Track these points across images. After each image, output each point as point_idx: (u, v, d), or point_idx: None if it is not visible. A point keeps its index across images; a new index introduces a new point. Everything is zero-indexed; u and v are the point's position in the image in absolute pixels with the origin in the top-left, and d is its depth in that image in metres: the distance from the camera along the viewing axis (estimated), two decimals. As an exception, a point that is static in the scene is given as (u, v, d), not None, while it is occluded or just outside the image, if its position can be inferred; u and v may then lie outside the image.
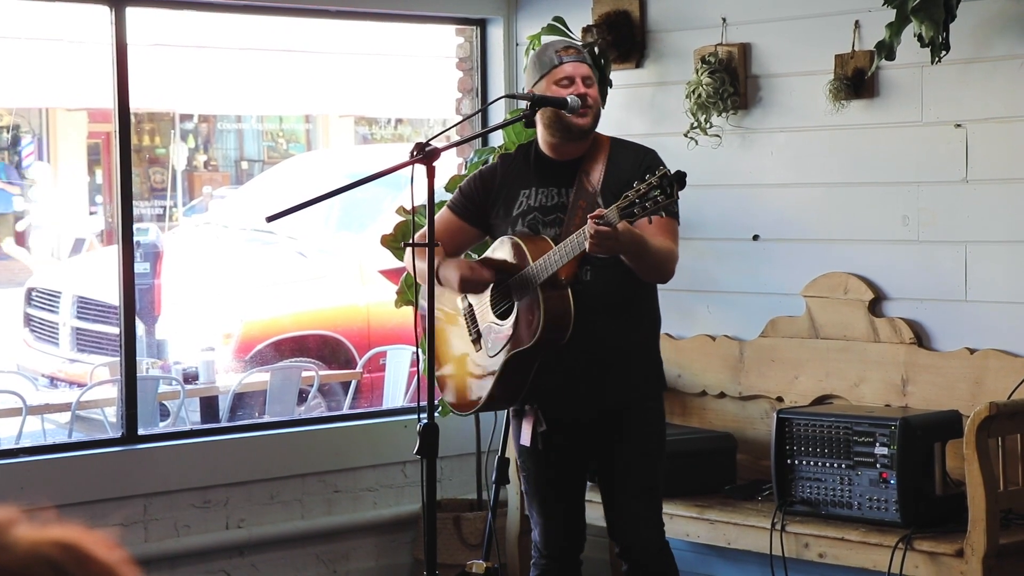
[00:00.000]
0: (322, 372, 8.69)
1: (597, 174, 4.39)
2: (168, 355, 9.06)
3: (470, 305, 4.56)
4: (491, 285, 4.46)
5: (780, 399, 5.66)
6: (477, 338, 4.53)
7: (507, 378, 4.45)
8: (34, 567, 1.21)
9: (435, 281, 4.41)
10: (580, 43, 4.44)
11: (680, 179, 3.97)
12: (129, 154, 5.83)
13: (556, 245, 4.29)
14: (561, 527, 4.60)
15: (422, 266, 4.37)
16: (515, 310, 4.40)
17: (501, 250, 4.47)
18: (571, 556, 4.66)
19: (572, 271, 4.31)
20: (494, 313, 4.47)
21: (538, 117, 4.44)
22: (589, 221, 4.09)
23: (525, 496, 4.70)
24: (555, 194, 4.44)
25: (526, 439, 4.49)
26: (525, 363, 4.41)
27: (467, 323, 4.58)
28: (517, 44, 6.54)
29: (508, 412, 4.81)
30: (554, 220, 4.41)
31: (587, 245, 4.10)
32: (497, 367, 4.44)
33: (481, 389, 4.53)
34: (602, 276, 4.35)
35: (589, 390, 4.43)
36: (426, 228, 4.36)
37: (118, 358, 5.93)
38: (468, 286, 4.48)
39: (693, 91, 5.75)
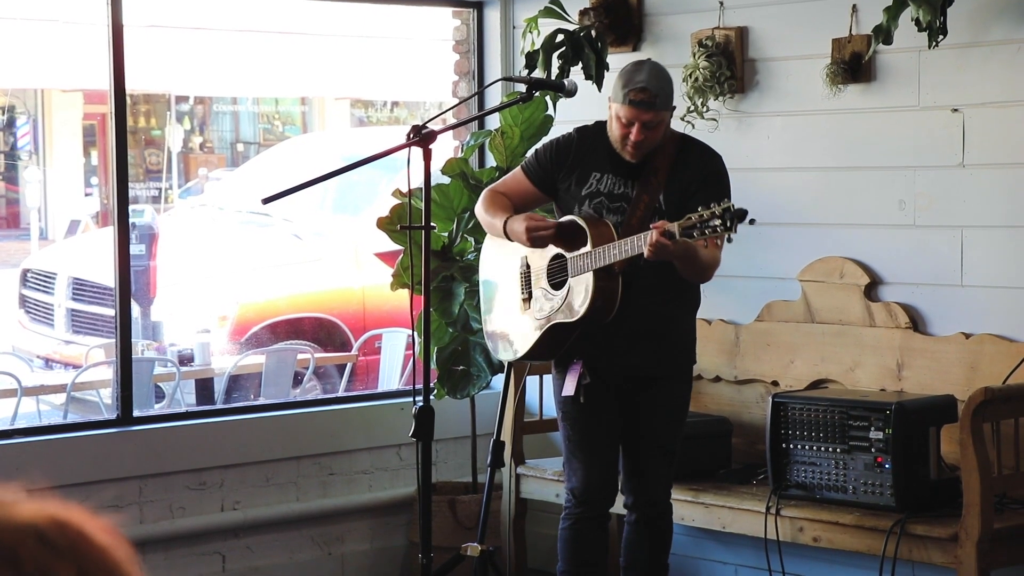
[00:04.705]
0: (317, 355, 8.69)
1: (663, 172, 4.70)
2: (163, 337, 9.06)
3: (528, 266, 4.88)
4: (551, 255, 4.77)
5: (775, 383, 5.66)
6: (528, 298, 4.87)
7: (546, 342, 4.80)
8: (27, 541, 1.21)
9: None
10: (653, 86, 4.63)
11: (742, 216, 4.26)
12: (125, 135, 5.82)
13: (617, 235, 4.61)
14: (597, 475, 4.85)
15: (487, 219, 4.81)
16: (567, 285, 4.72)
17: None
18: (604, 506, 4.90)
19: (626, 264, 4.59)
20: (548, 282, 4.79)
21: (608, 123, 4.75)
22: (653, 232, 4.35)
23: (565, 447, 4.90)
24: (623, 184, 4.74)
25: (569, 390, 4.77)
26: (566, 332, 4.75)
27: (522, 282, 4.89)
28: (514, 27, 6.52)
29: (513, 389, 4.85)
30: (618, 208, 4.72)
31: (646, 252, 4.39)
32: (540, 331, 4.80)
33: (521, 345, 4.89)
34: (654, 262, 4.57)
35: (623, 357, 4.75)
36: (498, 183, 4.92)
37: (113, 340, 5.92)
38: (536, 240, 4.71)
39: (690, 75, 5.74)
